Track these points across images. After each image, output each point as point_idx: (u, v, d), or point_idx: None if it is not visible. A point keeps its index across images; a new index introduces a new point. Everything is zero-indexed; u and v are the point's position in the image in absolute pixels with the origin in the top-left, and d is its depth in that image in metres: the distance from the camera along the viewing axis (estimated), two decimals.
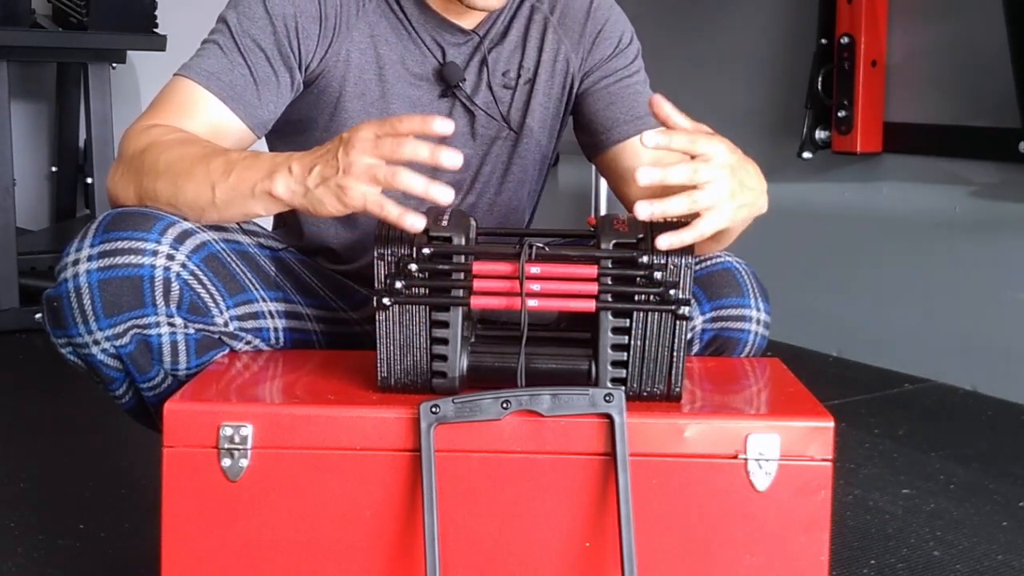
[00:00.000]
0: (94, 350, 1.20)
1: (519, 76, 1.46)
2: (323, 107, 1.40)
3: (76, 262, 1.17)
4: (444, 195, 1.07)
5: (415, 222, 1.07)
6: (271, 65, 1.33)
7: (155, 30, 2.99)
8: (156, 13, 2.99)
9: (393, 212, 1.08)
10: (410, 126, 1.07)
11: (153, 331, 1.20)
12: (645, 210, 1.07)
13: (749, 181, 1.16)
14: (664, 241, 1.08)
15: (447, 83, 1.42)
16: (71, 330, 1.19)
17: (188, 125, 1.29)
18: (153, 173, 1.22)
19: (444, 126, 1.07)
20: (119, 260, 1.16)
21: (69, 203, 3.47)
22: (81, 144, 3.35)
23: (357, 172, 1.08)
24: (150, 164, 1.23)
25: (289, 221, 1.53)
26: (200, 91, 1.31)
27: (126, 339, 1.19)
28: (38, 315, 2.84)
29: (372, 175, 1.08)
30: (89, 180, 3.08)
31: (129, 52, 3.12)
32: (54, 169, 3.48)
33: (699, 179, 1.10)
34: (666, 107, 1.14)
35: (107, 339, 1.19)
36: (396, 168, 1.08)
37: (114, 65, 3.09)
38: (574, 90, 1.49)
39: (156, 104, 1.32)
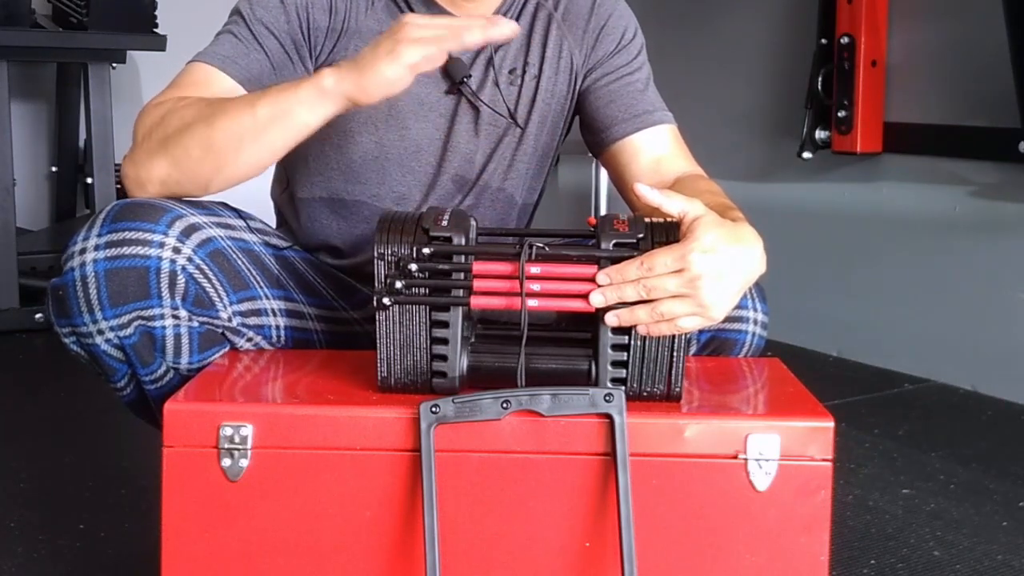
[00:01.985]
0: (98, 340, 1.20)
1: (524, 72, 1.47)
2: None
3: (83, 251, 1.17)
4: (509, 27, 1.14)
5: (507, 29, 1.15)
6: (285, 52, 1.35)
7: (155, 30, 2.99)
8: (156, 13, 3.00)
9: (451, 42, 1.14)
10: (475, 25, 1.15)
11: (157, 323, 1.20)
12: (599, 302, 1.08)
13: (737, 264, 1.09)
14: (643, 329, 1.09)
15: (452, 79, 1.43)
16: (76, 319, 1.19)
17: None
18: (180, 130, 1.22)
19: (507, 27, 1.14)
20: (126, 251, 1.16)
21: (69, 203, 3.48)
22: (81, 144, 3.35)
23: (412, 34, 1.13)
24: (175, 125, 1.23)
25: (291, 219, 1.53)
26: (216, 74, 1.32)
27: (130, 330, 1.19)
28: (38, 315, 2.85)
29: (426, 34, 1.13)
30: (89, 180, 3.08)
31: (129, 52, 3.12)
32: (54, 169, 3.48)
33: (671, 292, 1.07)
34: (651, 195, 1.12)
35: (111, 329, 1.19)
36: (451, 23, 1.14)
37: (114, 65, 3.09)
38: (578, 86, 1.49)
39: (170, 87, 1.33)
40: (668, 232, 1.10)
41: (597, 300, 1.08)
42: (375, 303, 1.11)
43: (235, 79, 1.32)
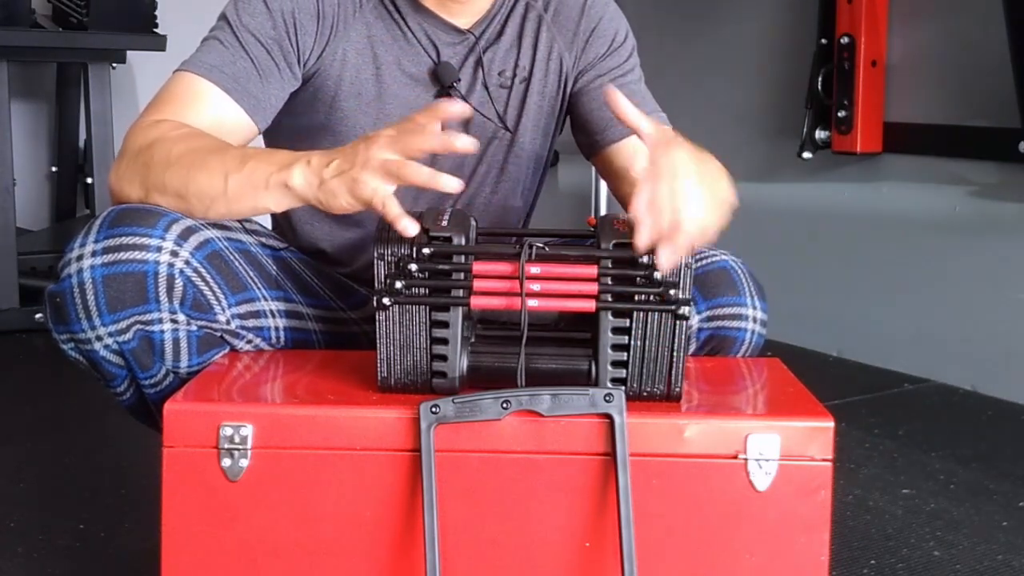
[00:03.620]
0: (96, 346, 1.20)
1: (514, 76, 1.46)
2: (319, 106, 1.40)
3: (80, 258, 1.17)
4: (450, 184, 1.09)
5: (409, 226, 1.08)
6: (272, 58, 1.34)
7: (155, 30, 2.99)
8: (156, 13, 3.00)
9: (393, 211, 1.09)
10: (432, 133, 1.10)
11: (156, 327, 1.20)
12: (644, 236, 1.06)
13: (714, 183, 1.13)
14: (667, 261, 1.07)
15: (442, 83, 1.42)
16: (74, 325, 1.19)
17: (191, 119, 1.29)
18: (163, 165, 1.22)
19: (466, 143, 1.10)
20: (123, 256, 1.16)
21: (69, 203, 3.48)
22: (81, 144, 3.35)
23: (373, 166, 1.10)
24: (160, 157, 1.23)
25: (283, 223, 1.52)
26: (203, 84, 1.31)
27: (129, 335, 1.19)
28: (38, 315, 2.85)
29: (387, 170, 1.09)
30: (89, 180, 3.09)
31: (129, 52, 3.12)
32: (54, 169, 3.48)
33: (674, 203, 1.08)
34: (627, 109, 1.13)
35: (110, 335, 1.19)
36: (404, 161, 1.09)
37: (114, 65, 3.09)
38: (568, 89, 1.49)
39: (158, 100, 1.32)
40: None
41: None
42: (375, 303, 1.11)
43: (221, 88, 1.31)
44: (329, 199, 1.13)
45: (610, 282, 1.10)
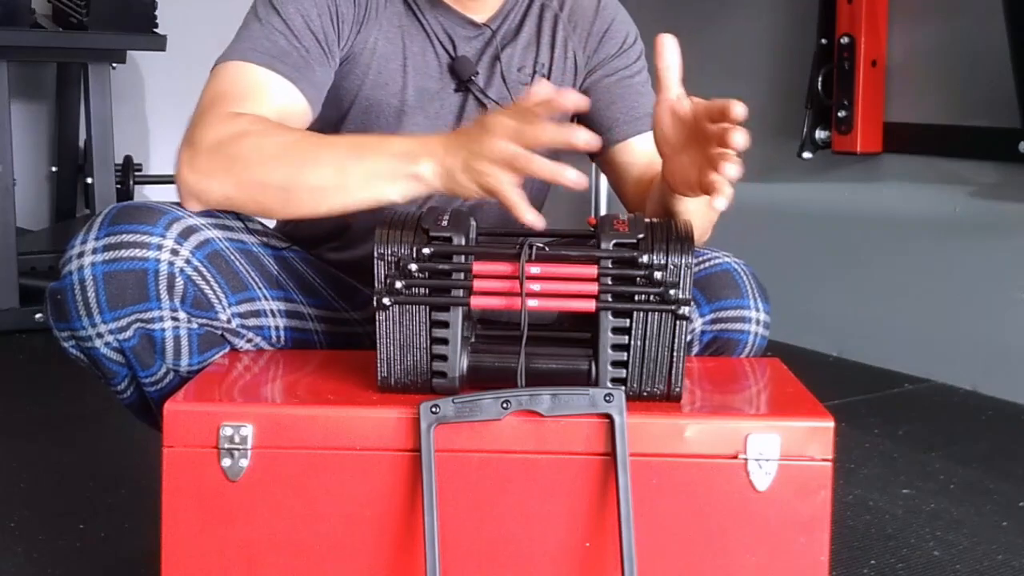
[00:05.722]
0: (97, 343, 1.20)
1: (534, 71, 1.47)
2: (344, 93, 1.41)
3: (81, 255, 1.17)
4: (571, 176, 1.12)
5: (535, 219, 1.12)
6: (319, 44, 1.35)
7: (155, 30, 2.99)
8: (156, 13, 3.00)
9: (514, 201, 1.12)
10: (550, 128, 1.12)
11: (156, 325, 1.20)
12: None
13: None
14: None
15: (459, 77, 1.43)
16: (74, 323, 1.19)
17: (257, 109, 1.28)
18: (259, 160, 1.22)
19: (586, 138, 1.15)
20: (124, 253, 1.16)
21: (69, 203, 3.48)
22: (81, 144, 3.35)
23: (497, 159, 1.12)
24: (251, 151, 1.22)
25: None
26: (265, 74, 1.30)
27: (129, 332, 1.19)
28: (38, 315, 2.85)
29: (511, 163, 1.11)
30: (89, 180, 3.08)
31: (129, 52, 3.12)
32: (54, 169, 3.48)
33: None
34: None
35: (110, 332, 1.19)
36: (530, 155, 1.11)
37: (114, 65, 3.09)
38: (579, 86, 1.50)
39: (219, 92, 1.29)
40: (668, 232, 1.11)
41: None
42: (375, 303, 1.11)
43: (286, 77, 1.30)
44: (457, 189, 1.16)
45: (610, 282, 1.10)
